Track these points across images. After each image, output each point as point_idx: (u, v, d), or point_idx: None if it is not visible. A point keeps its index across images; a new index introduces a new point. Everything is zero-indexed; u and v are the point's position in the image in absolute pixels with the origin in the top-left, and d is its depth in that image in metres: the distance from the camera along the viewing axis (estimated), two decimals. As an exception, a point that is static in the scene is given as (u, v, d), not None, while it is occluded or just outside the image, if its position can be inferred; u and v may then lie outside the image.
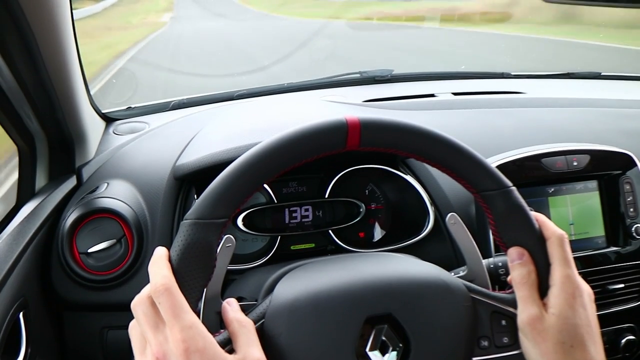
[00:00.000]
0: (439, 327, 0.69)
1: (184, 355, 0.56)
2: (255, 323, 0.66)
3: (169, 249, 0.64)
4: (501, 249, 0.72)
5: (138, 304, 0.61)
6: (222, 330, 0.65)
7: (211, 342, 0.59)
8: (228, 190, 0.64)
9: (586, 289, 0.68)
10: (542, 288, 0.68)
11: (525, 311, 0.67)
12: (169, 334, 0.58)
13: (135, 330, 0.62)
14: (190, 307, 0.60)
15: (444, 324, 0.69)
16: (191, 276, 0.62)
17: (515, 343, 0.70)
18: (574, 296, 0.66)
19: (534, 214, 0.71)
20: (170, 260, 0.62)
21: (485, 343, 0.71)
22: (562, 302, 0.66)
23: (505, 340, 0.71)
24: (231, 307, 0.67)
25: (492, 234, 0.72)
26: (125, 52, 8.65)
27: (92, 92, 1.33)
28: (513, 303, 0.70)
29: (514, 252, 0.70)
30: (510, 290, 0.73)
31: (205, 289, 0.67)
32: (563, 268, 0.67)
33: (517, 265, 0.69)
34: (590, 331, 0.66)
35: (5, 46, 0.87)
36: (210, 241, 0.63)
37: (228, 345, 0.63)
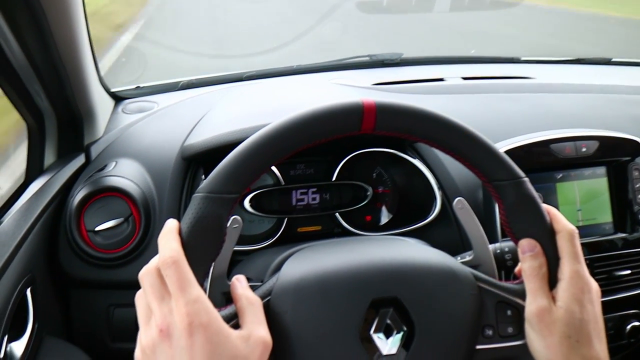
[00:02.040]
0: (444, 313, 0.69)
1: (187, 329, 0.56)
2: (261, 300, 0.67)
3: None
4: (511, 239, 0.72)
5: (145, 274, 0.61)
6: (228, 305, 0.66)
7: (216, 317, 0.59)
8: (240, 166, 0.64)
9: (594, 286, 0.68)
10: (551, 281, 0.68)
11: (534, 303, 0.67)
12: (174, 307, 0.58)
13: (141, 300, 0.62)
14: (197, 281, 0.60)
15: (449, 311, 0.69)
16: (200, 249, 0.62)
17: (519, 333, 0.70)
18: (583, 292, 0.66)
19: (545, 207, 0.70)
20: (180, 234, 0.62)
21: (490, 332, 0.71)
22: (570, 296, 0.66)
23: (510, 330, 0.71)
24: (240, 284, 0.67)
25: (502, 224, 0.71)
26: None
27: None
28: (521, 294, 0.70)
29: (525, 243, 0.69)
30: (517, 281, 0.72)
31: (212, 265, 0.67)
32: (573, 263, 0.67)
33: (529, 257, 0.69)
34: (596, 328, 0.66)
35: (15, 23, 0.87)
36: (220, 215, 0.63)
37: (233, 320, 0.64)
